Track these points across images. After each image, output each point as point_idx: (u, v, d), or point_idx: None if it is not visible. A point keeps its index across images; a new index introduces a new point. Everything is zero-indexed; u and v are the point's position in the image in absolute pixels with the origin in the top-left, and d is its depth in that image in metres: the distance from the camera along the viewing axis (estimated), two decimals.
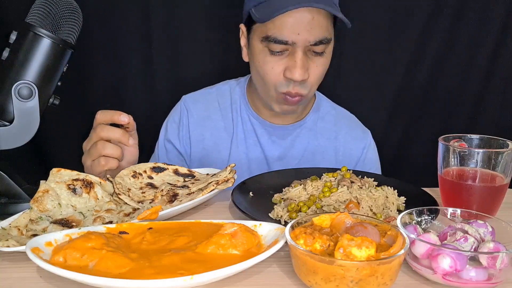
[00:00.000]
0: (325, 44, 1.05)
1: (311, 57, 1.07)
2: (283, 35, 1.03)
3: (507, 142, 0.86)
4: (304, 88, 1.08)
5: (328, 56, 1.10)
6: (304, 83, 1.07)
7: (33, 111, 0.86)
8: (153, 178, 0.97)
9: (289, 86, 1.07)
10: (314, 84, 1.10)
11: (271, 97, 1.13)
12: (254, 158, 1.26)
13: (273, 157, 1.25)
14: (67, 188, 0.86)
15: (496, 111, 1.65)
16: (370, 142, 1.31)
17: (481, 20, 1.58)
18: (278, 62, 1.06)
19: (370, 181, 0.94)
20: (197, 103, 1.29)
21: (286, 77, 1.06)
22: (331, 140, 1.28)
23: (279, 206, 0.87)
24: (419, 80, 1.65)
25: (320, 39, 1.04)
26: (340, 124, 1.30)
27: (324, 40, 1.04)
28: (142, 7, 1.54)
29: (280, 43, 1.03)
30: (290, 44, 1.03)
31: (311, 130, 1.27)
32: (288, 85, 1.07)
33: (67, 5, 0.87)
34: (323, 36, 1.04)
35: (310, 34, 1.03)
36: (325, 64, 1.10)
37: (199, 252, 0.64)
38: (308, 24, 1.02)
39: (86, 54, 1.50)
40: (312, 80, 1.09)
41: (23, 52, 0.85)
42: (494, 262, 0.61)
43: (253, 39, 1.10)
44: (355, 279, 0.57)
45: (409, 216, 0.72)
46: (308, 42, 1.03)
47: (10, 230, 0.75)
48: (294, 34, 1.02)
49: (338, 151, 1.28)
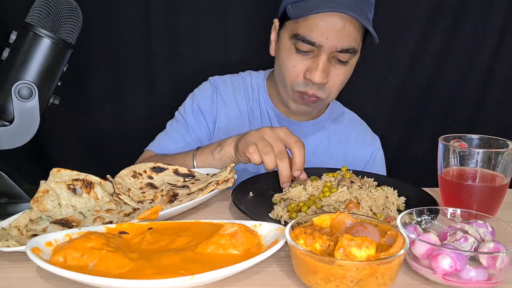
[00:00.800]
0: (351, 54, 1.08)
1: (334, 64, 1.09)
2: (312, 36, 1.05)
3: (507, 142, 0.86)
4: (321, 91, 1.11)
5: (351, 67, 1.13)
6: (322, 87, 1.10)
7: (33, 111, 0.86)
8: (153, 178, 0.97)
9: (307, 87, 1.11)
10: (333, 91, 1.13)
11: (288, 94, 1.16)
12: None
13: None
14: (67, 188, 0.86)
15: (496, 111, 1.65)
16: (378, 148, 1.34)
17: (481, 20, 1.58)
18: (302, 62, 1.09)
19: (370, 181, 0.94)
20: (226, 85, 1.32)
21: (306, 77, 1.09)
22: (341, 141, 1.30)
23: (279, 206, 0.87)
24: (419, 80, 1.65)
25: (346, 48, 1.07)
26: (351, 127, 1.33)
27: (351, 49, 1.07)
28: (142, 7, 1.54)
29: (308, 43, 1.06)
30: (316, 46, 1.06)
31: (324, 129, 1.30)
32: (306, 85, 1.11)
33: (67, 5, 0.87)
34: (350, 46, 1.07)
35: (338, 41, 1.05)
36: (346, 74, 1.13)
37: (199, 252, 0.64)
38: (338, 30, 1.05)
39: (86, 54, 1.50)
40: (331, 86, 1.11)
41: (23, 52, 0.85)
42: (494, 262, 0.61)
43: (283, 35, 1.14)
44: (355, 279, 0.57)
45: (409, 216, 0.72)
46: (334, 48, 1.06)
47: (10, 230, 0.75)
48: (323, 37, 1.05)
49: (347, 153, 1.30)
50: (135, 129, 1.63)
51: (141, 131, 1.49)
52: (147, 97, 1.64)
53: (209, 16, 1.57)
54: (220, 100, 1.31)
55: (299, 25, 1.07)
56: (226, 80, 1.34)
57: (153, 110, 1.63)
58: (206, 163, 1.05)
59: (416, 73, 1.65)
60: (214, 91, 1.32)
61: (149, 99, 1.64)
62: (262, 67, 1.36)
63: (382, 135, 1.38)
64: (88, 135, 1.65)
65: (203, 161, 1.06)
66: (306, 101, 1.13)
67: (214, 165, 1.05)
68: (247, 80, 1.34)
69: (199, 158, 1.07)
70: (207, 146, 1.08)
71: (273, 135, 0.95)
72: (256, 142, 0.94)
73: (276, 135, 0.96)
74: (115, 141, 1.64)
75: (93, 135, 1.65)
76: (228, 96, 1.31)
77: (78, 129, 1.64)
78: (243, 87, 1.32)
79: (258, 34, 1.35)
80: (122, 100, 1.63)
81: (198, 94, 1.32)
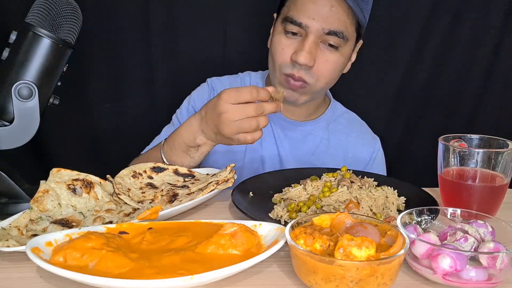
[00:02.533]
0: (340, 39, 1.06)
1: (323, 49, 1.08)
2: (299, 17, 1.05)
3: (507, 142, 0.86)
4: (308, 75, 1.08)
5: (343, 56, 1.11)
6: (308, 70, 1.08)
7: (33, 111, 0.86)
8: (153, 178, 0.97)
9: (294, 69, 1.08)
10: (322, 77, 1.10)
11: (276, 79, 1.14)
12: (267, 148, 1.28)
13: (284, 150, 1.27)
14: (67, 188, 0.86)
15: (496, 111, 1.65)
16: (379, 148, 1.34)
17: (481, 20, 1.58)
18: (290, 46, 1.08)
19: (370, 181, 0.94)
20: (224, 86, 1.30)
21: (292, 59, 1.08)
22: (341, 142, 1.30)
23: (279, 206, 0.87)
24: (419, 80, 1.65)
25: (334, 30, 1.05)
26: (351, 127, 1.33)
27: (339, 33, 1.06)
28: (142, 7, 1.54)
29: (296, 25, 1.06)
30: (303, 28, 1.06)
31: (324, 130, 1.29)
32: (293, 68, 1.08)
33: (66, 5, 0.87)
34: (338, 29, 1.05)
35: (325, 22, 1.04)
36: (337, 62, 1.10)
37: (199, 252, 0.64)
38: (325, 12, 1.04)
39: (86, 54, 1.50)
40: (318, 72, 1.09)
41: (23, 52, 0.85)
42: (494, 262, 0.61)
43: (277, 22, 1.14)
44: (355, 279, 0.57)
45: (409, 216, 0.72)
46: (321, 30, 1.05)
47: (10, 230, 0.75)
48: (310, 18, 1.04)
49: (347, 154, 1.30)
50: (135, 129, 1.63)
51: (141, 131, 1.49)
52: (147, 97, 1.64)
53: (208, 16, 1.57)
54: None
55: (289, 8, 1.08)
56: (224, 81, 1.33)
57: (152, 110, 1.63)
58: (186, 163, 1.03)
59: (416, 73, 1.65)
60: (211, 92, 1.31)
61: (148, 99, 1.64)
62: (262, 67, 1.36)
63: (382, 135, 1.38)
64: (88, 135, 1.65)
65: (182, 162, 1.03)
66: (292, 85, 1.10)
67: (196, 162, 1.04)
68: (245, 80, 1.33)
69: (172, 159, 1.04)
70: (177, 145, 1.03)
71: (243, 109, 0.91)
72: (240, 129, 0.92)
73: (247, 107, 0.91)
74: (115, 141, 1.64)
75: (93, 135, 1.65)
76: None
77: (78, 129, 1.64)
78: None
79: (259, 33, 1.35)
80: (121, 100, 1.63)
81: (195, 96, 1.32)
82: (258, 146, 1.28)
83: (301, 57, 1.05)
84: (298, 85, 1.10)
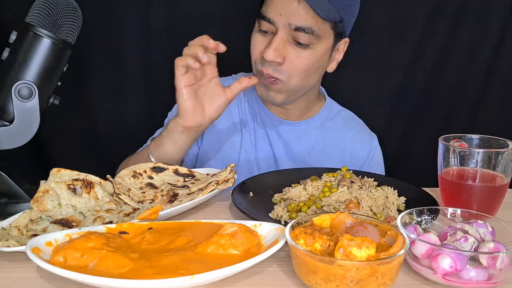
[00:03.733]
0: (309, 35, 1.05)
1: (294, 45, 1.07)
2: (267, 13, 1.07)
3: (507, 142, 0.86)
4: (278, 73, 1.08)
5: (316, 54, 1.09)
6: (277, 67, 1.07)
7: (33, 111, 0.86)
8: (153, 178, 0.97)
9: (263, 66, 1.09)
10: (294, 74, 1.09)
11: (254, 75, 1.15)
12: (261, 150, 1.27)
13: (279, 150, 1.27)
14: (67, 188, 0.86)
15: (496, 111, 1.65)
16: (376, 146, 1.32)
17: (481, 20, 1.58)
18: (262, 43, 1.09)
19: (370, 181, 0.94)
20: None
21: (261, 55, 1.09)
22: (338, 141, 1.29)
23: (279, 206, 0.87)
24: (419, 80, 1.65)
25: (301, 26, 1.04)
26: (348, 126, 1.31)
27: (307, 29, 1.04)
28: (142, 7, 1.54)
29: (266, 21, 1.07)
30: (272, 24, 1.06)
31: (319, 129, 1.28)
32: (263, 64, 1.09)
33: (67, 5, 0.87)
34: (305, 25, 1.04)
35: (291, 18, 1.04)
36: (310, 59, 1.08)
37: (199, 252, 0.64)
38: (292, 7, 1.04)
39: (86, 54, 1.50)
40: (289, 69, 1.08)
41: (23, 52, 0.85)
42: (494, 262, 0.61)
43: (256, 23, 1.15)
44: (355, 279, 0.57)
45: (409, 216, 0.72)
46: (288, 26, 1.04)
47: (10, 230, 0.75)
48: (277, 14, 1.05)
49: (344, 153, 1.29)
50: (135, 129, 1.62)
51: (141, 131, 1.49)
52: (147, 97, 1.63)
53: (209, 16, 1.57)
54: None
55: (263, 6, 1.10)
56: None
57: (152, 110, 1.63)
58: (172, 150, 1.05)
59: (416, 73, 1.65)
60: None
61: (148, 99, 1.64)
62: None
63: (381, 135, 1.38)
64: (88, 135, 1.65)
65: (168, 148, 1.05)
66: (263, 81, 1.10)
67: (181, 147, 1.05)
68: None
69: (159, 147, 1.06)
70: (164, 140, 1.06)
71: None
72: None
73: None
74: (115, 141, 1.64)
75: (93, 135, 1.65)
76: None
77: (78, 129, 1.64)
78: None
79: None
80: (121, 100, 1.63)
81: None
82: (252, 148, 1.27)
83: (267, 53, 1.05)
84: (268, 81, 1.10)
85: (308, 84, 1.15)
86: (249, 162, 1.27)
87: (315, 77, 1.15)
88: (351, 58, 1.62)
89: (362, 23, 1.59)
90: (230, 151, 1.28)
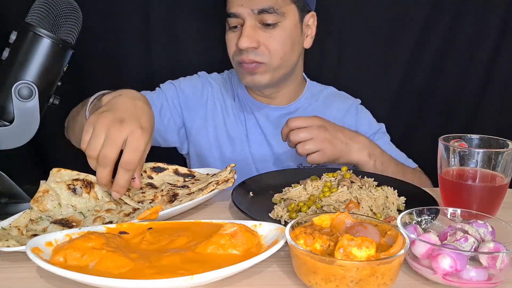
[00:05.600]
0: (273, 14, 1.13)
1: (263, 28, 1.15)
2: (231, 9, 1.15)
3: (507, 142, 0.86)
4: (258, 55, 1.15)
5: (286, 29, 1.16)
6: (255, 51, 1.15)
7: (33, 111, 0.86)
8: (153, 178, 0.97)
9: (242, 55, 1.16)
10: (274, 54, 1.16)
11: (235, 69, 1.24)
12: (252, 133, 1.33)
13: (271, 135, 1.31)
14: (67, 188, 0.86)
15: (496, 111, 1.65)
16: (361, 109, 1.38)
17: (480, 20, 1.57)
18: (235, 37, 1.17)
19: (370, 181, 0.94)
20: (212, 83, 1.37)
21: (237, 47, 1.16)
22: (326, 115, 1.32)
23: (279, 206, 0.87)
24: (419, 80, 1.65)
25: (263, 8, 1.12)
26: (328, 102, 1.37)
27: (270, 9, 1.12)
28: (142, 7, 1.54)
29: (232, 17, 1.15)
30: (238, 17, 1.14)
31: (305, 110, 1.33)
32: (242, 54, 1.16)
33: (67, 5, 0.87)
34: (267, 5, 1.12)
35: (252, 4, 1.12)
36: (281, 35, 1.16)
37: (199, 252, 0.64)
38: None
39: (86, 54, 1.50)
40: (268, 49, 1.15)
41: (23, 52, 0.84)
42: (494, 262, 0.61)
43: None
44: (355, 279, 0.57)
45: (409, 216, 0.72)
46: (252, 12, 1.13)
47: (10, 230, 0.75)
48: (238, 6, 1.13)
49: None
50: None
51: None
52: None
53: (209, 16, 1.57)
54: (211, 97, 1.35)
55: (226, 6, 1.18)
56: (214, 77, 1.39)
57: None
58: None
59: (416, 73, 1.64)
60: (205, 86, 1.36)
61: None
62: None
63: None
64: None
65: None
66: (246, 68, 1.17)
67: None
68: (230, 76, 1.39)
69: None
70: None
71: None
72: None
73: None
74: None
75: None
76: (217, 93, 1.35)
77: None
78: (223, 84, 1.38)
79: None
80: None
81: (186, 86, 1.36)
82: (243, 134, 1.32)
83: (241, 42, 1.13)
84: (252, 66, 1.17)
85: (290, 61, 1.21)
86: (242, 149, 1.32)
87: (293, 53, 1.21)
88: (349, 58, 1.63)
89: (361, 22, 1.60)
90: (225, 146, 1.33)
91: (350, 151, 1.11)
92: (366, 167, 1.12)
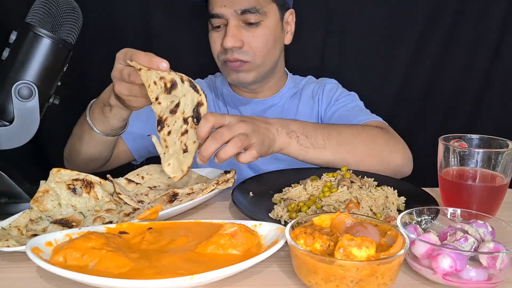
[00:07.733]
0: (255, 14, 1.15)
1: (247, 28, 1.17)
2: (214, 10, 1.16)
3: (507, 142, 0.86)
4: (242, 54, 1.17)
5: (268, 28, 1.18)
6: (240, 50, 1.17)
7: (33, 111, 0.86)
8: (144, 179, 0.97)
9: (227, 54, 1.18)
10: (257, 52, 1.18)
11: (220, 68, 1.25)
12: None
13: None
14: (67, 188, 0.86)
15: (496, 111, 1.65)
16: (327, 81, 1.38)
17: (481, 20, 1.58)
18: (219, 37, 1.19)
19: (370, 181, 0.94)
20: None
21: (222, 47, 1.18)
22: (307, 98, 1.35)
23: (279, 206, 0.87)
24: (419, 80, 1.65)
25: (246, 8, 1.14)
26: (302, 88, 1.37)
27: (252, 9, 1.14)
28: (142, 7, 1.54)
29: (215, 17, 1.16)
30: (222, 17, 1.15)
31: (287, 98, 1.34)
32: (226, 53, 1.18)
33: (67, 5, 0.87)
34: (250, 6, 1.14)
35: (234, 5, 1.13)
36: (264, 34, 1.18)
37: (199, 252, 0.64)
38: None
39: (86, 54, 1.50)
40: (251, 48, 1.17)
41: (23, 52, 0.85)
42: (494, 262, 0.61)
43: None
44: (355, 279, 0.57)
45: (409, 216, 0.72)
46: (235, 13, 1.14)
47: (10, 230, 0.75)
48: (221, 7, 1.15)
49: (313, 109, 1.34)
50: None
51: None
52: None
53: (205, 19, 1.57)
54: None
55: (208, 6, 1.19)
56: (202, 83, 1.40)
57: None
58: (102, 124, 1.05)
59: (416, 73, 1.65)
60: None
61: None
62: None
63: None
64: None
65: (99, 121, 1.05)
66: (231, 66, 1.19)
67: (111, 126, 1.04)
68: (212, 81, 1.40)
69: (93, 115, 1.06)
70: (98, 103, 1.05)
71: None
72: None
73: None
74: None
75: None
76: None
77: None
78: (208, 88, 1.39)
79: None
80: None
81: None
82: None
83: (226, 41, 1.15)
84: (236, 65, 1.18)
85: (272, 57, 1.23)
86: None
87: (275, 50, 1.23)
88: (350, 59, 1.63)
89: (361, 22, 1.60)
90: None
91: (274, 136, 0.98)
92: (292, 150, 0.99)
